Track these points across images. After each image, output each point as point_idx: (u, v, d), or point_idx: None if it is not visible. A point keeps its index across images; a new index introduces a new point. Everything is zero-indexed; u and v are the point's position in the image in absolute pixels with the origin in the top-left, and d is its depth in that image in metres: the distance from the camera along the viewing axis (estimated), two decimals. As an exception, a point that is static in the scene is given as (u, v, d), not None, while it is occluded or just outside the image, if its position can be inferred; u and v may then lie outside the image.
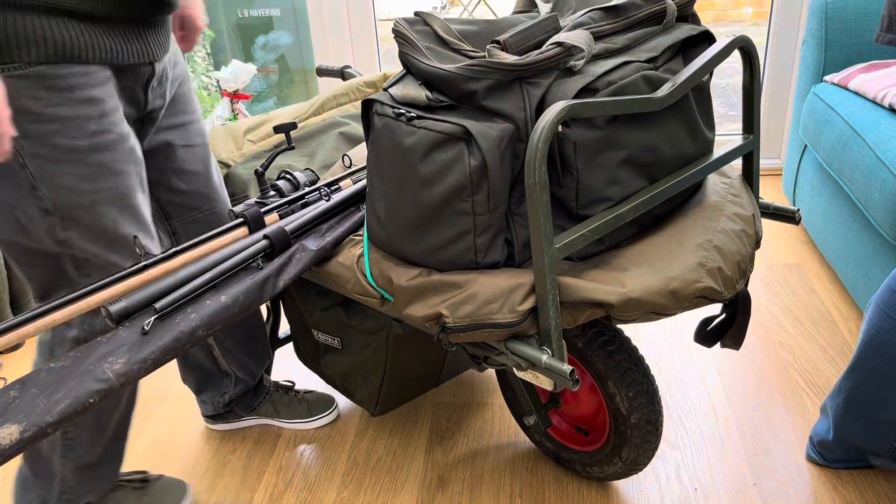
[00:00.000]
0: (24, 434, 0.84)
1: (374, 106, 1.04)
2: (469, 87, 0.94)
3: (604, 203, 0.98)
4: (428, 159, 0.95)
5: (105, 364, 0.92)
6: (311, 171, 1.32)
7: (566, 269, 1.00)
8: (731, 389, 1.61)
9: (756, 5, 5.70)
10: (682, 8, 1.10)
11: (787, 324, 1.82)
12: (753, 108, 1.16)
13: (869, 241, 1.67)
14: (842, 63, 2.02)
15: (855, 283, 1.75)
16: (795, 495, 1.35)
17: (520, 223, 0.99)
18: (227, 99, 2.65)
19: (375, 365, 1.37)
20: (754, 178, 1.20)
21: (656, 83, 1.00)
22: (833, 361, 1.67)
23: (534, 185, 0.86)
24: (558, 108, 0.86)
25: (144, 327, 0.96)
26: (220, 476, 1.49)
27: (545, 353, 0.94)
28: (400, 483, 1.44)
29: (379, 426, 1.59)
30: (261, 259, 1.09)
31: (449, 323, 0.97)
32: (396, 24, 1.02)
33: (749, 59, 1.12)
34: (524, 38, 0.96)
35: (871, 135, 1.64)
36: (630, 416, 1.20)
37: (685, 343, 1.78)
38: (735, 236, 1.04)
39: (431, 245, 1.00)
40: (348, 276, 1.12)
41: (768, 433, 1.49)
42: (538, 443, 1.44)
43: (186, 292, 1.00)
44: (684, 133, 1.07)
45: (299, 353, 1.55)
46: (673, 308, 0.96)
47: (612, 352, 1.18)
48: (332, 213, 1.19)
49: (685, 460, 1.44)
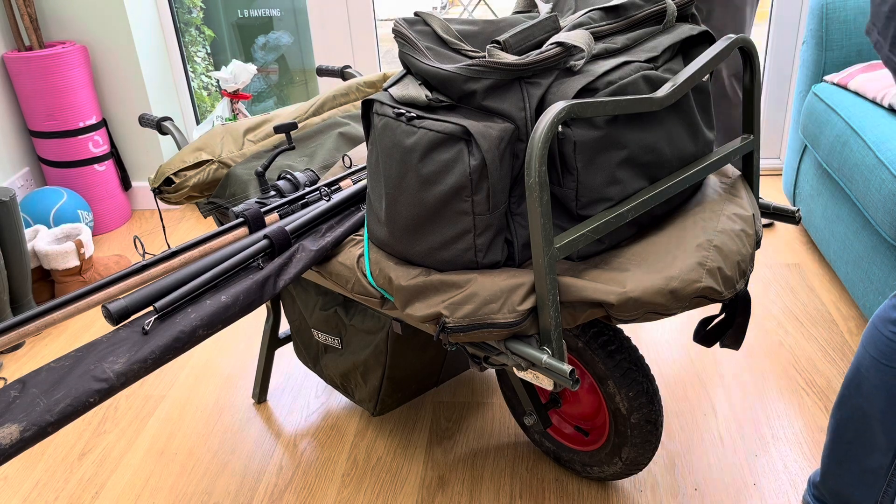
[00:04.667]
0: (24, 434, 0.84)
1: (374, 106, 1.04)
2: (469, 87, 0.94)
3: (604, 203, 0.98)
4: (428, 159, 0.95)
5: (105, 364, 0.92)
6: (312, 171, 1.32)
7: (566, 269, 1.00)
8: (731, 389, 1.61)
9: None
10: (682, 8, 1.11)
11: (787, 324, 1.82)
12: (753, 108, 1.16)
13: (869, 241, 1.67)
14: (842, 63, 2.02)
15: (855, 283, 1.75)
16: (795, 495, 1.35)
17: (520, 223, 0.99)
18: (227, 99, 2.65)
19: (375, 365, 1.37)
20: (754, 178, 1.20)
21: (656, 83, 1.00)
22: (833, 361, 1.67)
23: (534, 184, 0.86)
24: (558, 108, 0.86)
25: (145, 327, 0.96)
26: (220, 476, 1.49)
27: (545, 353, 0.94)
28: (400, 483, 1.44)
29: (379, 426, 1.59)
30: (261, 259, 1.09)
31: (449, 323, 0.97)
32: (396, 24, 1.02)
33: (749, 59, 1.12)
34: (524, 38, 0.96)
35: (871, 135, 1.64)
36: (630, 416, 1.20)
37: (685, 343, 1.78)
38: (735, 236, 1.04)
39: (431, 245, 1.00)
40: (348, 276, 1.12)
41: (768, 433, 1.49)
42: (538, 443, 1.44)
43: (186, 292, 1.00)
44: (684, 133, 1.07)
45: (299, 353, 1.55)
46: (673, 308, 0.96)
47: (612, 351, 1.18)
48: (332, 213, 1.19)
49: (685, 460, 1.44)
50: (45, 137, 2.48)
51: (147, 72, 2.59)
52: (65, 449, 1.61)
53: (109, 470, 1.54)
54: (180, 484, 1.48)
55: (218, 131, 1.51)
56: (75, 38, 2.53)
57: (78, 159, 2.53)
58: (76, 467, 1.55)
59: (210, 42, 2.82)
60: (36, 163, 2.62)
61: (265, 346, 1.63)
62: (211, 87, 2.90)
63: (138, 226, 2.68)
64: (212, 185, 1.44)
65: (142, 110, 2.62)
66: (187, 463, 1.53)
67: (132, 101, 2.61)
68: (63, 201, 2.43)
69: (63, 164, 2.53)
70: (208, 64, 2.86)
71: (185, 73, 2.76)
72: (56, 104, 2.43)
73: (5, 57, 2.40)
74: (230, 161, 1.46)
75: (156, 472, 1.52)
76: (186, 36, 2.80)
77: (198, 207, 1.77)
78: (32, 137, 2.52)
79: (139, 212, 2.80)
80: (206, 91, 2.90)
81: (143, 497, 1.46)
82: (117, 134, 2.68)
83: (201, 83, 2.88)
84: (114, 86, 2.60)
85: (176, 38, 2.71)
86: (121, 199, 2.69)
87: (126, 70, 2.56)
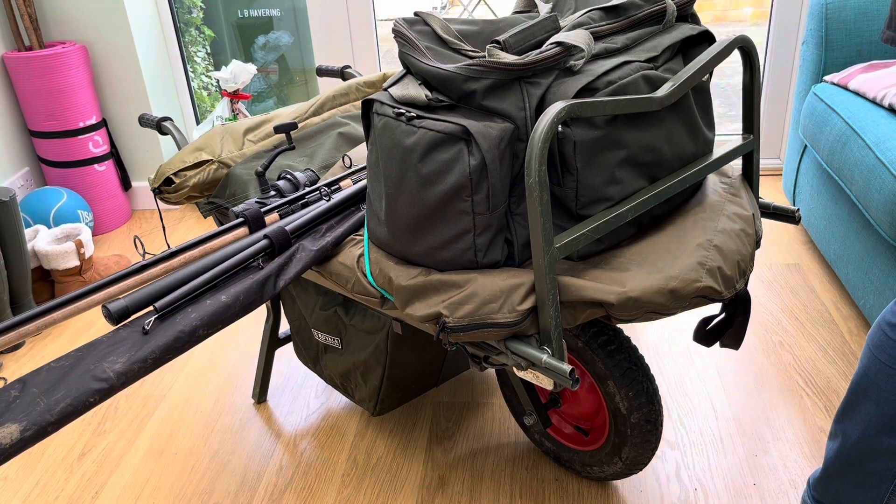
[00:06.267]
0: (24, 433, 0.84)
1: (373, 106, 1.04)
2: (469, 86, 0.94)
3: (604, 203, 0.98)
4: (427, 159, 0.95)
5: (105, 363, 0.92)
6: (312, 171, 1.32)
7: (566, 269, 1.00)
8: (731, 389, 1.61)
9: (756, 5, 5.70)
10: (681, 8, 1.11)
11: (787, 324, 1.82)
12: (753, 108, 1.16)
13: (869, 241, 1.67)
14: (842, 63, 2.02)
15: (855, 284, 1.75)
16: (795, 495, 1.35)
17: (520, 223, 0.99)
18: (227, 99, 2.65)
19: (375, 365, 1.37)
20: (754, 177, 1.20)
21: (656, 83, 1.00)
22: (833, 361, 1.67)
23: (533, 184, 0.86)
24: (558, 108, 0.86)
25: (145, 327, 0.96)
26: (220, 476, 1.49)
27: (545, 353, 0.94)
28: (400, 483, 1.44)
29: (379, 426, 1.59)
30: (261, 259, 1.09)
31: (449, 322, 0.97)
32: (396, 24, 1.02)
33: (749, 59, 1.12)
34: (524, 38, 0.96)
35: (871, 135, 1.64)
36: (630, 415, 1.20)
37: (685, 343, 1.78)
38: (735, 236, 1.04)
39: (431, 245, 1.00)
40: (348, 276, 1.12)
41: (768, 433, 1.49)
42: (538, 443, 1.44)
43: (186, 292, 1.00)
44: (684, 133, 1.07)
45: (299, 353, 1.55)
46: (672, 307, 0.96)
47: (611, 351, 1.18)
48: (332, 213, 1.19)
49: (685, 460, 1.44)
50: (45, 137, 2.49)
51: (147, 72, 2.59)
52: (65, 449, 1.61)
53: (109, 470, 1.54)
54: (180, 484, 1.48)
55: (218, 131, 1.51)
56: (75, 38, 2.53)
57: (78, 159, 2.53)
58: (76, 467, 1.55)
59: (210, 42, 2.82)
60: (36, 163, 2.62)
61: (265, 346, 1.63)
62: (211, 87, 2.91)
63: (138, 226, 2.68)
64: (212, 185, 1.44)
65: (142, 110, 2.63)
66: (187, 463, 1.53)
67: (132, 101, 2.61)
68: (63, 201, 2.43)
69: (63, 164, 2.53)
70: (208, 64, 2.86)
71: (185, 73, 2.76)
72: (56, 104, 2.43)
73: (5, 57, 2.40)
74: (230, 161, 1.46)
75: (156, 472, 1.52)
76: (186, 36, 2.80)
77: (198, 207, 1.77)
78: (32, 137, 2.52)
79: (139, 212, 2.80)
80: (206, 91, 2.90)
81: (143, 497, 1.46)
82: (117, 134, 2.68)
83: (201, 83, 2.88)
84: (114, 86, 2.60)
85: (176, 38, 2.71)
86: (121, 199, 2.69)
87: (126, 70, 2.56)
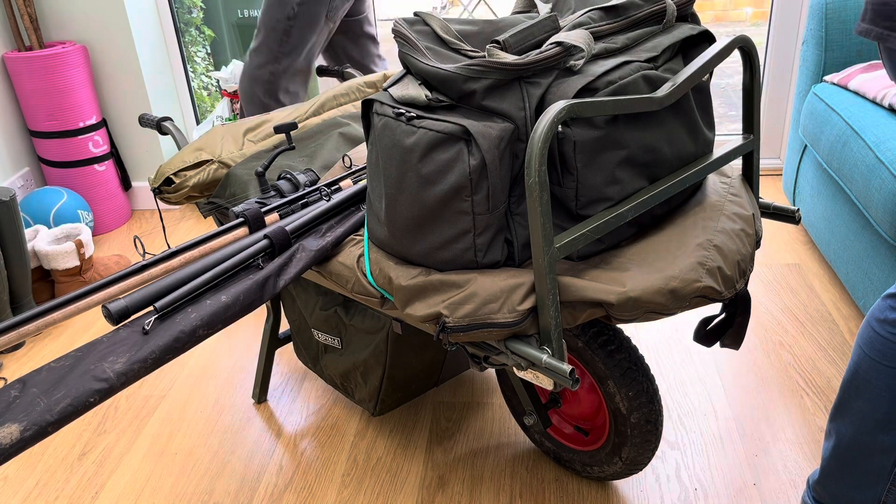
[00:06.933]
0: (24, 433, 0.84)
1: (373, 106, 1.04)
2: (468, 86, 0.94)
3: (604, 203, 0.98)
4: (427, 159, 0.95)
5: (105, 363, 0.92)
6: (312, 171, 1.32)
7: (566, 269, 1.00)
8: (731, 389, 1.61)
9: (756, 5, 5.69)
10: (681, 7, 1.10)
11: (787, 324, 1.82)
12: (753, 107, 1.16)
13: (869, 241, 1.67)
14: (842, 63, 2.02)
15: (855, 283, 1.75)
16: (795, 495, 1.35)
17: (520, 223, 0.99)
18: (227, 99, 2.65)
19: (375, 365, 1.37)
20: (754, 177, 1.20)
21: (656, 83, 1.00)
22: (833, 361, 1.67)
23: (533, 184, 0.86)
24: (558, 108, 0.86)
25: (145, 327, 0.96)
26: (220, 476, 1.49)
27: (545, 353, 0.94)
28: (400, 483, 1.44)
29: (379, 426, 1.59)
30: (261, 259, 1.09)
31: (449, 322, 0.97)
32: (396, 24, 1.02)
33: (749, 59, 1.12)
34: (524, 38, 0.96)
35: (871, 135, 1.64)
36: (630, 415, 1.20)
37: (685, 343, 1.78)
38: (735, 236, 1.04)
39: (431, 245, 1.00)
40: (348, 276, 1.12)
41: (768, 433, 1.49)
42: (538, 443, 1.44)
43: (187, 292, 1.00)
44: (684, 133, 1.07)
45: (299, 353, 1.55)
46: (673, 307, 0.96)
47: (611, 351, 1.18)
48: (332, 213, 1.19)
49: (685, 460, 1.44)
50: (46, 137, 2.49)
51: (147, 72, 2.59)
52: (65, 449, 1.61)
53: (109, 470, 1.54)
54: (180, 484, 1.48)
55: (218, 131, 1.51)
56: (75, 38, 2.53)
57: (78, 159, 2.53)
58: (76, 467, 1.55)
59: (210, 42, 2.82)
60: (36, 163, 2.62)
61: (265, 346, 1.63)
62: (211, 87, 2.91)
63: (138, 226, 2.68)
64: (212, 185, 1.44)
65: (142, 110, 2.63)
66: (187, 463, 1.53)
67: (132, 101, 2.61)
68: (63, 201, 2.43)
69: (63, 164, 2.53)
70: (208, 64, 2.86)
71: (185, 73, 2.76)
72: (56, 104, 2.43)
73: (5, 57, 2.40)
74: (230, 161, 1.46)
75: (156, 473, 1.52)
76: (186, 36, 2.80)
77: (198, 207, 1.77)
78: (32, 137, 2.52)
79: (139, 212, 2.80)
80: (206, 91, 2.90)
81: (143, 497, 1.46)
82: (117, 134, 2.68)
83: (201, 83, 2.88)
84: (114, 86, 2.60)
85: (176, 38, 2.71)
86: (121, 199, 2.69)
87: (126, 70, 2.56)
